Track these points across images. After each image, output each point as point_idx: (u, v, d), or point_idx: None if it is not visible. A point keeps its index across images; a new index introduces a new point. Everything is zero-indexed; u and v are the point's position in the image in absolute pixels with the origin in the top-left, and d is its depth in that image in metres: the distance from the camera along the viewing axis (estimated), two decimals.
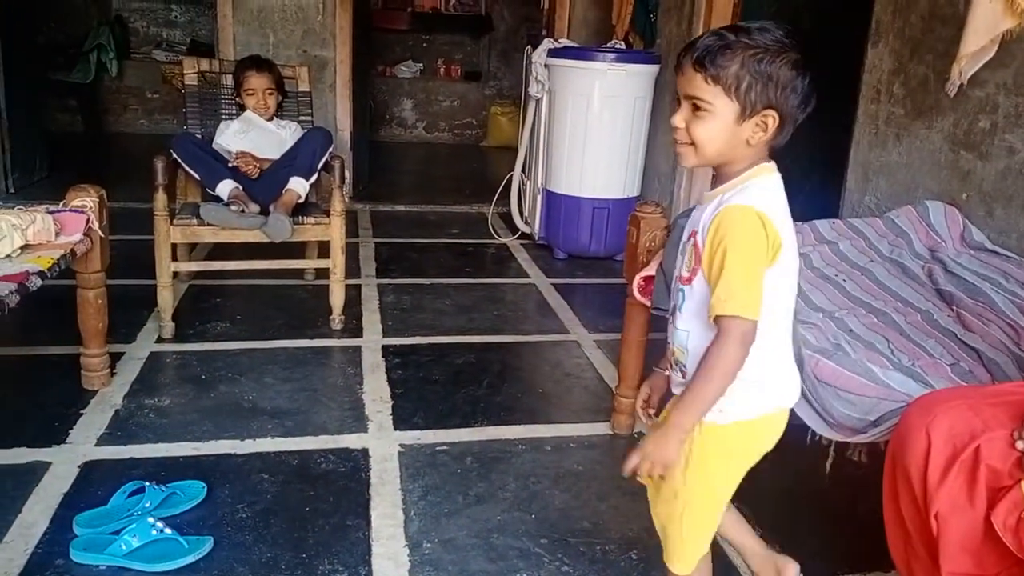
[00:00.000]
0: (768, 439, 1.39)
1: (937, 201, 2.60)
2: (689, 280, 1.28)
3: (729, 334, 1.21)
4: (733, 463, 1.38)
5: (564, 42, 4.40)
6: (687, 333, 1.31)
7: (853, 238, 2.52)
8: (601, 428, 2.47)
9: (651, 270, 2.14)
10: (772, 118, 1.23)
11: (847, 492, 2.12)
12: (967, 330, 2.02)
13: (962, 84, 2.52)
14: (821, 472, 1.93)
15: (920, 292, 2.24)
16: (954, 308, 2.13)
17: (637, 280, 2.21)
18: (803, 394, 1.82)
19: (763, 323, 1.23)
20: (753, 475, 2.22)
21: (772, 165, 1.29)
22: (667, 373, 1.44)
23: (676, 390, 1.39)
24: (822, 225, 2.61)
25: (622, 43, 4.59)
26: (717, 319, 1.21)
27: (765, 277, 1.22)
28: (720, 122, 1.23)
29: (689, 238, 1.30)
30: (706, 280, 1.24)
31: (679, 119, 1.27)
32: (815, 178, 4.31)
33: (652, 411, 1.49)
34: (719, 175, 1.30)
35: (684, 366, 1.33)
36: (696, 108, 1.24)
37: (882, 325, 2.05)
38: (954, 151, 2.64)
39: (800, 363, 1.83)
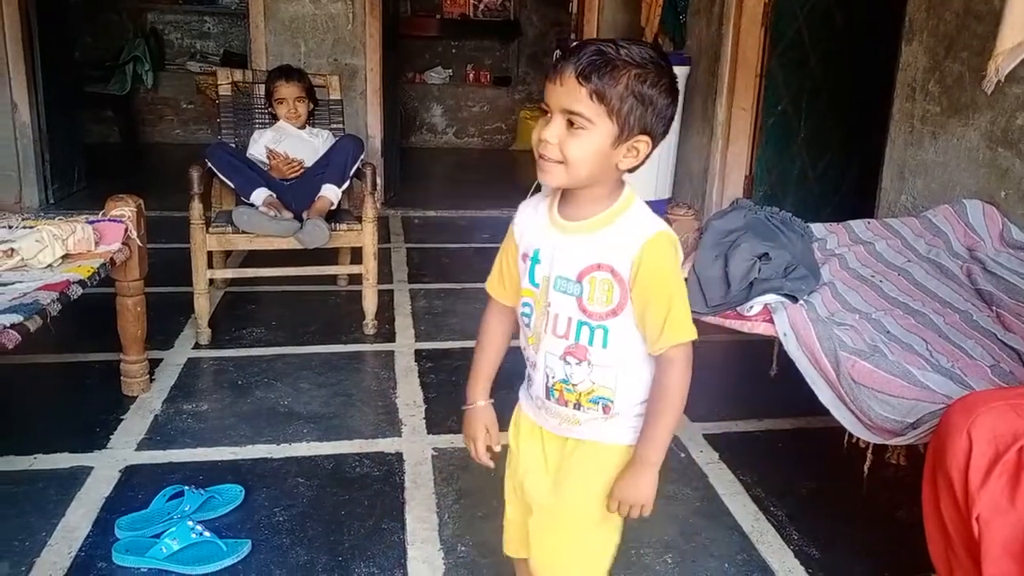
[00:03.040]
0: None
1: (975, 200, 2.56)
2: (614, 313, 1.20)
3: (681, 360, 1.21)
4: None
5: None
6: (614, 370, 1.24)
7: (889, 238, 2.49)
8: None
9: (684, 272, 2.13)
10: (645, 143, 1.17)
11: (886, 495, 2.10)
12: (1007, 330, 1.99)
13: (999, 81, 2.48)
14: (859, 475, 1.91)
15: (959, 292, 2.21)
16: (994, 308, 2.10)
17: None
18: (840, 396, 1.81)
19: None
20: (790, 479, 2.21)
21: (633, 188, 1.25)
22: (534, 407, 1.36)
23: (589, 428, 1.29)
24: (857, 225, 2.58)
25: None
26: (669, 348, 1.20)
27: None
28: (598, 142, 1.14)
29: (585, 272, 1.21)
30: (634, 312, 1.20)
31: (552, 134, 1.15)
32: (849, 177, 4.27)
33: (498, 448, 1.41)
34: (579, 198, 1.22)
35: (609, 402, 1.26)
36: (570, 124, 1.14)
37: (920, 326, 2.03)
38: (992, 149, 2.59)
39: (837, 364, 1.81)
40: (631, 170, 1.21)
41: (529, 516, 1.36)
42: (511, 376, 1.45)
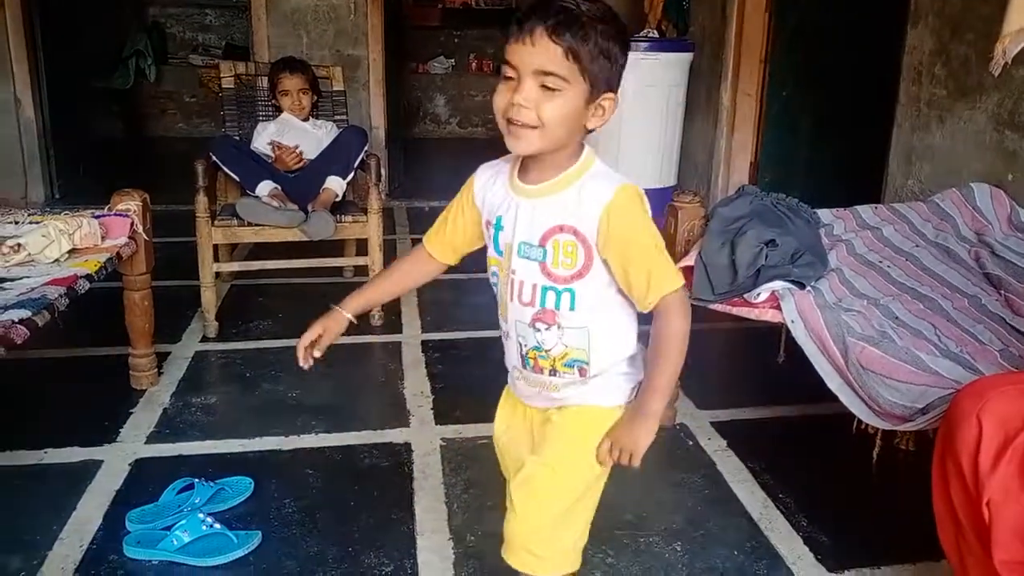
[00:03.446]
0: None
1: (983, 183, 2.54)
2: (580, 275, 1.20)
3: (676, 307, 1.19)
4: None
5: None
6: (585, 330, 1.23)
7: (897, 223, 2.48)
8: None
9: (690, 260, 2.13)
10: (610, 101, 1.15)
11: (895, 481, 2.10)
12: (1016, 315, 1.98)
13: (1006, 63, 2.46)
14: (868, 461, 1.91)
15: (967, 277, 2.20)
16: (1002, 292, 2.09)
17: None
18: (848, 382, 1.80)
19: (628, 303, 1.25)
20: (798, 466, 2.21)
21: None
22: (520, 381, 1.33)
23: (568, 392, 1.28)
24: (864, 210, 2.57)
25: (655, 31, 4.55)
26: (660, 300, 1.19)
27: None
28: (573, 102, 1.11)
29: (548, 236, 1.20)
30: (607, 269, 1.20)
31: (526, 97, 1.10)
32: (856, 162, 4.24)
33: (319, 354, 1.37)
34: (542, 163, 1.20)
35: (584, 364, 1.25)
36: (543, 86, 1.10)
37: (928, 311, 2.02)
38: (999, 131, 2.58)
39: (845, 351, 1.81)
40: (592, 130, 1.20)
41: None
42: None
